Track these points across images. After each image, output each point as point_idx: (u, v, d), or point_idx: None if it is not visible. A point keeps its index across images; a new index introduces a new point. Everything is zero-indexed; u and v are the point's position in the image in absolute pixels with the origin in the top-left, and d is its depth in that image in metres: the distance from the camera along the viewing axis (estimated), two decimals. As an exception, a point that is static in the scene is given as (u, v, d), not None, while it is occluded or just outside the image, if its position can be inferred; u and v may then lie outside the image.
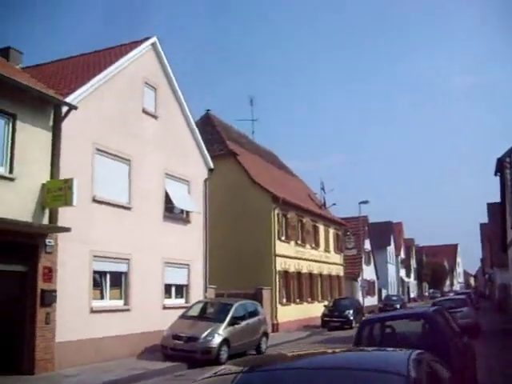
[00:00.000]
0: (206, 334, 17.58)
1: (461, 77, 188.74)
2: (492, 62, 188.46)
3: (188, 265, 22.71)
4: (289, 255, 32.97)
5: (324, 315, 32.90)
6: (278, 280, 31.13)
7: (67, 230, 15.61)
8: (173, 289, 21.95)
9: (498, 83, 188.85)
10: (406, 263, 78.85)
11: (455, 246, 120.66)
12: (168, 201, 21.55)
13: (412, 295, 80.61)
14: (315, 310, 34.64)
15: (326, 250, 40.45)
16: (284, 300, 32.30)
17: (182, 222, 22.69)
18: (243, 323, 19.24)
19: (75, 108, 16.60)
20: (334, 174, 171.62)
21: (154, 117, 21.39)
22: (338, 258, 43.51)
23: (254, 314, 20.59)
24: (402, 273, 76.13)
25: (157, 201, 21.03)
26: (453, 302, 26.00)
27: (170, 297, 21.71)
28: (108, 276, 18.38)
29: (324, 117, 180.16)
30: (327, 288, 40.34)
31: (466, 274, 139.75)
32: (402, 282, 74.36)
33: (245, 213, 31.03)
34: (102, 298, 18.19)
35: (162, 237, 21.03)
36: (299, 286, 34.83)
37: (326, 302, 36.00)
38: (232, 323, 18.53)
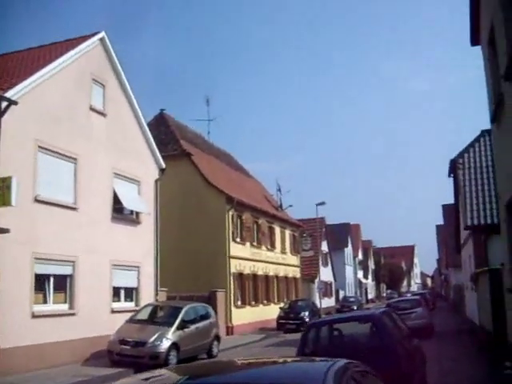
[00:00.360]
0: (153, 338, 17.00)
1: (418, 80, 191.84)
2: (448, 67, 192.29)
3: (138, 267, 22.07)
4: (244, 257, 32.57)
5: (279, 317, 32.59)
6: (232, 282, 30.69)
7: (5, 231, 14.90)
8: (122, 292, 21.28)
9: (454, 87, 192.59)
10: (363, 264, 79.39)
11: (412, 248, 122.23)
12: (117, 201, 20.89)
13: (370, 296, 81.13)
14: (271, 312, 34.31)
15: (283, 251, 40.20)
16: (239, 302, 31.88)
17: (131, 223, 22.04)
18: (193, 327, 18.73)
19: (15, 103, 15.89)
20: (295, 175, 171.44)
21: (103, 114, 20.71)
22: (294, 260, 43.33)
23: (204, 317, 20.10)
24: (360, 274, 76.55)
25: (105, 201, 20.35)
26: (407, 303, 26.05)
27: (118, 300, 21.03)
28: (52, 279, 17.62)
29: (286, 118, 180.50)
30: (283, 290, 40.07)
31: (423, 275, 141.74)
32: (359, 283, 74.77)
33: (199, 214, 30.53)
34: (45, 302, 17.43)
35: (110, 238, 20.37)
36: (255, 288, 34.45)
37: (282, 305, 35.73)
38: (181, 327, 17.99)
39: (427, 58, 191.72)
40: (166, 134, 33.20)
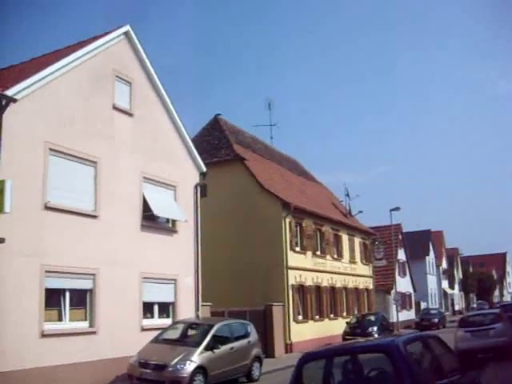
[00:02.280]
0: (176, 360, 14.94)
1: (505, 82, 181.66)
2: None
3: (174, 280, 20.14)
4: (305, 267, 30.07)
5: (345, 333, 29.78)
6: (291, 295, 28.26)
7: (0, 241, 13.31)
8: (155, 307, 19.40)
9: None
10: (448, 274, 74.40)
11: (504, 255, 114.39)
12: (147, 208, 19.09)
13: (457, 307, 75.92)
14: (338, 327, 31.45)
15: (352, 261, 37.30)
16: (300, 317, 29.40)
17: (166, 232, 20.18)
18: (226, 347, 16.51)
19: (14, 101, 14.41)
20: (377, 186, 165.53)
21: (129, 114, 19.03)
22: (366, 270, 40.24)
23: (242, 335, 17.86)
24: (445, 284, 71.70)
25: (132, 208, 18.60)
26: (484, 318, 22.59)
27: (151, 316, 19.18)
28: (67, 294, 15.94)
29: (364, 128, 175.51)
30: (353, 302, 37.14)
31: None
32: (444, 294, 70.00)
33: (253, 221, 28.43)
34: (59, 319, 15.77)
35: (140, 249, 18.57)
36: (319, 301, 31.84)
37: (350, 319, 32.89)
38: (211, 347, 15.81)
39: None
40: (219, 139, 31.47)
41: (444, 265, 72.38)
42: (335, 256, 34.67)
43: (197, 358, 15.24)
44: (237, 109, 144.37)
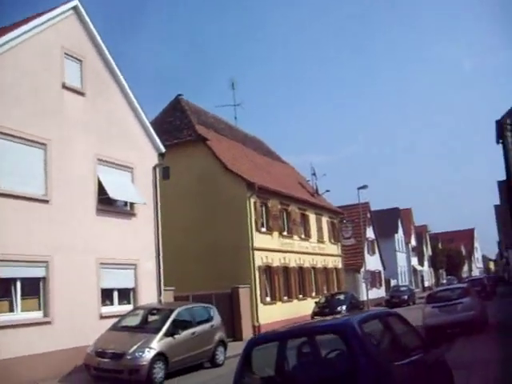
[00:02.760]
0: (134, 348, 14.32)
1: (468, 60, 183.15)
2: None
3: (134, 265, 19.44)
4: (272, 248, 29.59)
5: (314, 313, 29.44)
6: (258, 277, 27.79)
7: None
8: (115, 294, 18.70)
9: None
10: (417, 251, 74.88)
11: (471, 231, 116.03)
12: (103, 191, 18.31)
13: (427, 284, 76.57)
14: (308, 307, 31.05)
15: (320, 240, 36.97)
16: (267, 299, 28.97)
17: (124, 215, 19.43)
18: (188, 332, 15.93)
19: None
20: (344, 166, 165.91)
21: (81, 93, 18.15)
22: (334, 249, 39.99)
23: (205, 320, 17.28)
24: (414, 261, 72.18)
25: (86, 191, 17.80)
26: (452, 292, 22.42)
27: (111, 304, 18.47)
28: (18, 283, 15.16)
29: (330, 107, 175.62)
30: (323, 282, 36.87)
31: (486, 259, 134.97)
32: (414, 270, 70.47)
33: (217, 203, 27.83)
34: (11, 310, 14.99)
35: (96, 233, 17.82)
36: (287, 282, 31.45)
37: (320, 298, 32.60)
38: (171, 333, 15.22)
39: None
40: (181, 120, 30.69)
41: (413, 242, 72.78)
42: (303, 236, 34.27)
43: (156, 344, 14.64)
44: (200, 90, 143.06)
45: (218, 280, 26.04)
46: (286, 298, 30.94)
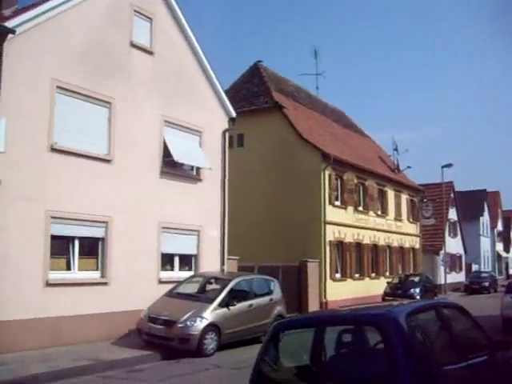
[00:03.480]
0: (186, 316, 13.85)
1: None
2: None
3: (198, 231, 19.00)
4: (345, 223, 28.48)
5: (385, 294, 28.35)
6: (329, 252, 26.84)
7: (-4, 183, 12.36)
8: (176, 259, 18.36)
9: None
10: (504, 236, 71.12)
11: None
12: (168, 154, 17.86)
13: (511, 271, 72.83)
14: (380, 287, 29.92)
15: (397, 218, 35.39)
16: (337, 275, 28.00)
17: (189, 179, 18.92)
18: (244, 304, 15.32)
19: (12, 32, 13.20)
20: (432, 143, 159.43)
21: (149, 52, 17.64)
22: (412, 228, 38.26)
23: (264, 293, 16.61)
24: (500, 247, 68.67)
25: (151, 153, 17.39)
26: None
27: (171, 269, 18.16)
28: (76, 242, 14.98)
29: (420, 84, 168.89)
30: (397, 262, 35.42)
31: None
32: (498, 256, 67.04)
33: (291, 173, 26.97)
34: (68, 268, 14.87)
35: (159, 196, 17.44)
36: (359, 259, 30.32)
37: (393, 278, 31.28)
38: (226, 304, 14.65)
39: None
40: (258, 86, 29.86)
41: (499, 227, 69.12)
42: (379, 212, 32.88)
43: (209, 314, 14.12)
44: (282, 58, 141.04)
45: (287, 253, 25.35)
46: (357, 275, 29.87)
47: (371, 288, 30.08)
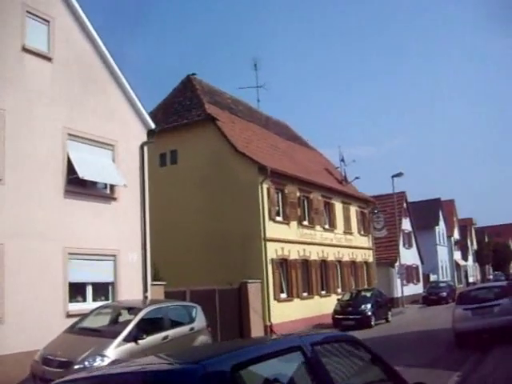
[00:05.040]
0: (83, 356, 11.78)
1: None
2: None
3: (114, 256, 16.99)
4: (288, 239, 26.78)
5: (335, 312, 26.63)
6: (271, 270, 25.06)
7: None
8: (88, 289, 16.29)
9: None
10: (461, 244, 70.51)
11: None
12: (74, 171, 15.88)
13: (471, 279, 72.10)
14: (331, 305, 28.09)
15: (347, 231, 33.90)
16: (283, 295, 26.19)
17: (101, 199, 16.97)
18: (157, 336, 13.29)
19: None
20: (385, 158, 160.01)
21: (47, 58, 15.73)
22: (364, 241, 36.85)
23: (183, 321, 14.66)
24: (457, 255, 67.97)
25: (53, 171, 15.38)
26: (488, 292, 19.18)
27: (83, 300, 16.09)
28: (-42, 276, 12.89)
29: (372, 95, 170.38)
30: (350, 277, 33.88)
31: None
32: (457, 265, 66.23)
33: (227, 189, 25.29)
34: None
35: (63, 219, 15.41)
36: (307, 277, 28.62)
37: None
38: (134, 338, 12.64)
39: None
40: (190, 100, 28.20)
41: (456, 235, 68.51)
42: (326, 226, 31.33)
43: (112, 351, 12.07)
44: (221, 72, 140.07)
45: (226, 274, 23.54)
46: (305, 294, 28.14)
47: (321, 307, 28.43)
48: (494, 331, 16.58)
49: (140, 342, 12.65)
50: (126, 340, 12.44)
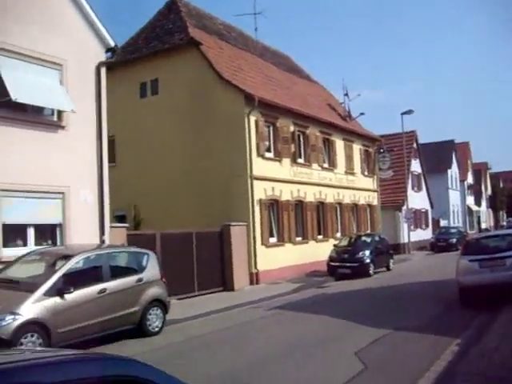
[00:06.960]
0: (-10, 314, 9.61)
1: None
2: None
3: (62, 193, 14.61)
4: (279, 178, 24.19)
5: (330, 258, 24.33)
6: (259, 212, 22.65)
7: None
8: (30, 232, 13.99)
9: None
10: (474, 189, 67.37)
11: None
12: (6, 92, 13.33)
13: (484, 226, 69.28)
14: (328, 250, 25.66)
15: (349, 171, 31.22)
16: (272, 239, 23.85)
17: (45, 127, 14.44)
18: (91, 289, 11.02)
19: None
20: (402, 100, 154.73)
21: (-29, -46, 13.00)
22: (369, 183, 34.17)
23: (128, 272, 12.37)
24: (470, 201, 65.01)
25: (-22, 91, 12.89)
26: (501, 241, 16.33)
27: (23, 244, 13.84)
28: None
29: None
30: (351, 221, 31.47)
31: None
32: (469, 211, 63.38)
33: (210, 120, 22.75)
34: None
35: (-5, 149, 13.00)
36: (301, 220, 26.21)
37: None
38: (58, 292, 10.38)
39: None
40: (174, 23, 25.24)
41: (469, 180, 65.39)
42: (325, 165, 28.70)
43: (28, 308, 9.82)
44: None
45: (209, 217, 21.31)
46: (299, 239, 25.79)
47: (317, 253, 26.10)
48: (505, 288, 14.02)
49: (67, 296, 10.40)
50: (48, 294, 10.25)
